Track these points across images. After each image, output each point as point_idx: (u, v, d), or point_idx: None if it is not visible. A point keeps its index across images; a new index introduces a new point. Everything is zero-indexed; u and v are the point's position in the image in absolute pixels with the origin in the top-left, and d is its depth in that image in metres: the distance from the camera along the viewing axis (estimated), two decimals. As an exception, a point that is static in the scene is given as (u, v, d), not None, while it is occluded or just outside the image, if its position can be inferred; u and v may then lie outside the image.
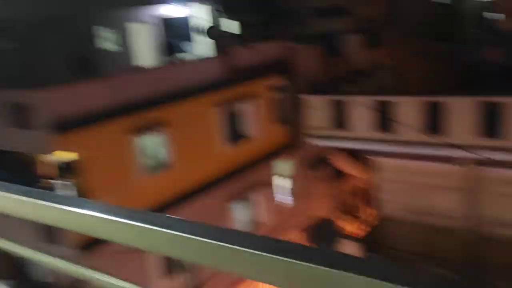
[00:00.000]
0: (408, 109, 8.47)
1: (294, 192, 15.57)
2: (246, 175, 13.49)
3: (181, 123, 11.58)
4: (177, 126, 11.47)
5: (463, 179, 8.20)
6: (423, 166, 8.83)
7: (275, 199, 14.80)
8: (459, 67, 10.79)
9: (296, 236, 15.57)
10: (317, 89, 10.71)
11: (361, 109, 8.88)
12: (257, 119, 13.71)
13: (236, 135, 13.37)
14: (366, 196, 18.50)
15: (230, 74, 12.66)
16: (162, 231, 0.76)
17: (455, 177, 8.36)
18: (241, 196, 13.43)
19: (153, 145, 11.39)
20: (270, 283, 0.66)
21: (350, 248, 8.67)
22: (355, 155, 18.41)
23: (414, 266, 8.18)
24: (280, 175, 15.23)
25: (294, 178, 15.54)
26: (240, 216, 13.71)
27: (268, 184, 14.36)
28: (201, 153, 12.16)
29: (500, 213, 7.95)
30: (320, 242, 8.75)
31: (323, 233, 8.76)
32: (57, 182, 10.15)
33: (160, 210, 10.97)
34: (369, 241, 9.02)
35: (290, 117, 14.79)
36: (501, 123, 7.43)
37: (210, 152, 12.43)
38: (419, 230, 8.68)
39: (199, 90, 11.95)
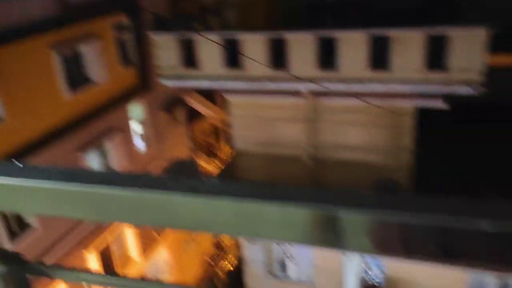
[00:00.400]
0: (254, 45, 8.67)
1: (150, 136, 15.23)
2: (98, 122, 12.68)
3: (11, 69, 10.15)
4: (6, 73, 10.03)
5: (305, 110, 8.88)
6: (271, 100, 9.29)
7: (131, 144, 14.32)
8: (299, 3, 11.31)
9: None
10: (164, 27, 10.25)
11: (210, 47, 8.79)
12: (102, 61, 12.73)
13: (79, 80, 12.29)
14: (222, 134, 19.05)
15: (67, 11, 11.34)
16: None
17: (298, 109, 9.00)
18: (94, 144, 12.65)
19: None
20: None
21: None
22: (209, 94, 18.56)
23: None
24: (135, 120, 14.68)
25: (148, 121, 15.13)
26: (94, 165, 12.99)
27: (123, 130, 13.75)
28: (39, 102, 10.94)
29: (337, 139, 8.88)
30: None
31: (181, 174, 8.76)
32: None
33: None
34: (224, 177, 9.36)
35: (137, 58, 14.06)
36: (337, 56, 8.08)
37: (50, 100, 11.25)
38: (268, 162, 9.28)
39: (30, 30, 10.50)
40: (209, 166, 17.78)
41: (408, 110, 7.95)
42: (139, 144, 15.06)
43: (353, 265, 9.40)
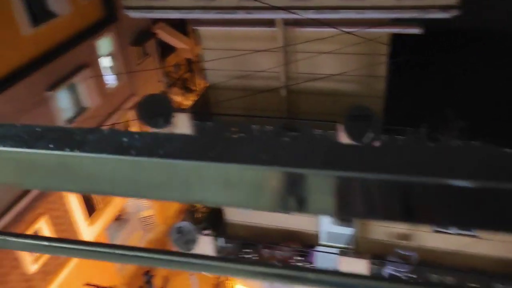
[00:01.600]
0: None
1: (120, 71, 14.78)
2: (64, 58, 12.14)
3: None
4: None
5: (278, 40, 8.68)
6: (244, 31, 9.01)
7: (102, 80, 13.89)
8: None
9: (123, 117, 15.21)
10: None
11: (177, -26, 8.32)
12: (63, -9, 11.95)
13: (40, 13, 11.57)
14: (194, 67, 18.63)
15: None
16: None
17: (271, 40, 8.78)
18: (63, 82, 12.21)
19: None
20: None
21: (181, 120, 8.82)
22: (180, 26, 17.87)
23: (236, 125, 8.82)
24: (104, 54, 14.12)
25: (118, 56, 14.60)
26: (63, 103, 12.64)
27: (92, 66, 13.25)
28: (-2, 37, 10.33)
29: (311, 69, 8.80)
30: (151, 118, 8.67)
31: (153, 109, 8.64)
32: None
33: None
34: (196, 111, 9.26)
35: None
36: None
37: (8, 36, 10.63)
38: (242, 94, 9.19)
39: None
40: (183, 100, 17.56)
41: (383, 38, 7.85)
42: (110, 80, 14.63)
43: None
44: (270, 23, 8.71)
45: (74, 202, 12.70)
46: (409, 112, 8.15)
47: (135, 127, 15.61)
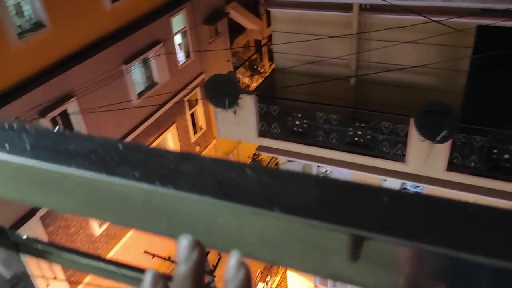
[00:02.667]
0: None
1: (191, 49, 15.02)
2: (140, 33, 12.53)
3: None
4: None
5: (354, 26, 8.33)
6: (318, 15, 8.75)
7: (174, 57, 14.21)
8: None
9: (191, 92, 15.48)
10: None
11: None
12: (143, -32, 12.26)
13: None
14: (263, 49, 18.53)
15: None
16: None
17: (347, 25, 8.45)
18: (136, 56, 12.63)
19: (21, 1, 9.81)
20: None
21: (247, 102, 8.80)
22: (253, 8, 17.80)
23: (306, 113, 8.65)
24: (177, 31, 14.41)
25: (190, 34, 14.83)
26: (136, 77, 13.10)
27: (166, 42, 13.57)
28: (82, 11, 10.82)
29: (386, 58, 8.39)
30: (217, 98, 8.73)
31: (220, 89, 8.68)
32: None
33: (42, 76, 9.99)
34: (262, 93, 9.18)
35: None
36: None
37: (92, 9, 11.10)
38: (309, 80, 8.97)
39: None
40: (249, 81, 17.58)
41: (469, 30, 7.27)
42: (181, 57, 14.93)
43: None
44: (346, 7, 8.36)
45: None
46: (491, 111, 7.55)
47: (200, 106, 15.89)
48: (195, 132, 16.09)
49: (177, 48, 14.63)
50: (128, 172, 0.40)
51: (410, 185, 9.29)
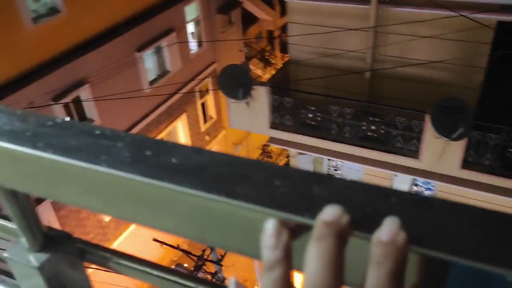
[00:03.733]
0: None
1: (204, 38, 14.97)
2: (154, 21, 12.49)
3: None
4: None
5: (371, 19, 8.24)
6: (334, 7, 8.66)
7: (186, 46, 14.17)
8: None
9: (205, 83, 15.47)
10: None
11: None
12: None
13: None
14: (276, 40, 18.42)
15: None
16: None
17: (364, 18, 8.36)
18: (150, 44, 12.61)
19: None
20: None
21: (260, 94, 8.76)
22: (267, -2, 17.65)
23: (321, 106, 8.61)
24: (190, 20, 14.35)
25: (204, 23, 14.77)
26: (149, 65, 13.10)
27: (179, 31, 13.53)
28: (97, -4, 10.81)
29: (400, 53, 8.30)
30: (231, 89, 8.71)
31: (234, 79, 8.66)
32: None
33: (56, 62, 10.02)
34: (276, 85, 9.14)
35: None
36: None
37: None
38: (323, 73, 8.90)
39: None
40: (261, 72, 17.51)
41: (489, 26, 7.16)
42: (193, 46, 14.89)
43: (403, 184, 9.32)
44: (363, 0, 8.27)
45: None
46: (508, 109, 7.45)
47: (211, 96, 15.87)
48: (205, 122, 16.10)
49: (189, 37, 14.58)
50: (249, 195, 0.36)
51: (421, 182, 9.25)
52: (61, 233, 0.61)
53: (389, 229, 0.32)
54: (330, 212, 0.33)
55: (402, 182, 9.29)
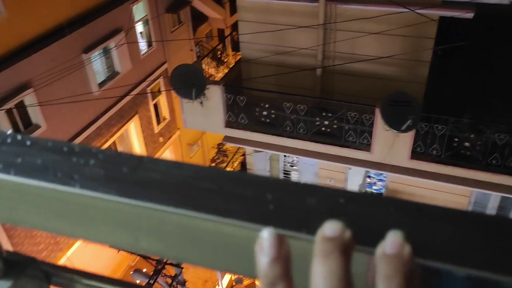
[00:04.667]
0: None
1: (153, 37, 14.69)
2: (101, 20, 12.09)
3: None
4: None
5: (320, 17, 8.38)
6: (284, 4, 8.73)
7: (136, 46, 13.84)
8: None
9: (157, 83, 15.19)
10: None
11: None
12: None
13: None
14: (226, 39, 18.38)
15: None
16: None
17: (313, 15, 8.48)
18: (97, 44, 12.20)
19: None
20: None
21: (213, 93, 8.70)
22: (216, -4, 17.55)
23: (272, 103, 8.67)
24: (138, 20, 14.02)
25: (152, 22, 14.48)
26: (97, 67, 12.68)
27: (127, 31, 13.18)
28: (38, -4, 10.31)
29: (350, 49, 8.50)
30: (184, 88, 8.59)
31: (186, 78, 8.55)
32: None
33: (-3, 65, 9.48)
34: (229, 84, 9.11)
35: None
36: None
37: (49, -6, 10.60)
38: (276, 70, 8.97)
39: None
40: (214, 71, 17.41)
41: (431, 21, 7.47)
42: (143, 46, 14.57)
43: (357, 176, 9.57)
44: (311, -3, 8.38)
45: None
46: (452, 101, 7.82)
47: (163, 96, 15.60)
48: (158, 123, 15.81)
49: (139, 37, 14.25)
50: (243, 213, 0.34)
51: (373, 173, 9.54)
52: (24, 257, 0.56)
53: (393, 241, 0.31)
54: (332, 227, 0.32)
55: (356, 175, 9.55)
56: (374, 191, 9.66)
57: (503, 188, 7.71)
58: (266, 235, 0.32)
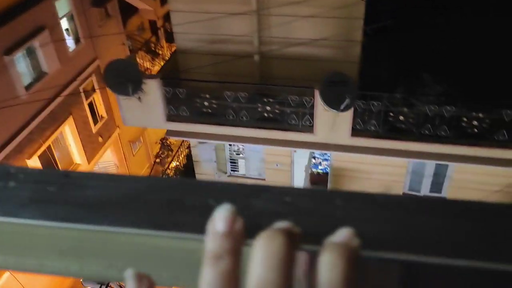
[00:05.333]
0: None
1: (81, 34, 14.01)
2: (21, 18, 11.32)
3: None
4: None
5: (253, 3, 8.36)
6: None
7: (62, 43, 13.13)
8: None
9: (89, 81, 14.56)
10: None
11: None
12: None
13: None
14: (159, 30, 17.92)
15: None
16: None
17: (246, 2, 8.44)
18: (19, 45, 11.43)
19: None
20: None
21: (151, 87, 8.46)
22: (144, -13, 17.01)
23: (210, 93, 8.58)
24: (62, 16, 13.29)
25: (78, 17, 13.79)
26: (22, 68, 11.91)
27: (51, 27, 12.45)
28: None
29: (284, 33, 8.57)
30: (119, 85, 8.28)
31: (120, 74, 8.25)
32: None
33: None
34: (167, 77, 8.90)
35: None
36: None
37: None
38: (213, 59, 8.88)
39: None
40: (149, 65, 16.93)
41: (359, 2, 7.69)
42: (70, 43, 13.86)
43: (302, 158, 9.76)
44: (243, -16, 8.34)
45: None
46: (385, 77, 8.13)
47: (98, 94, 15.00)
48: (95, 123, 15.18)
49: (65, 34, 13.52)
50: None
51: (318, 154, 9.77)
52: None
53: (340, 235, 0.31)
54: (280, 227, 0.31)
55: (301, 157, 9.73)
56: (320, 171, 9.91)
57: (436, 156, 8.19)
58: (221, 210, 0.31)
